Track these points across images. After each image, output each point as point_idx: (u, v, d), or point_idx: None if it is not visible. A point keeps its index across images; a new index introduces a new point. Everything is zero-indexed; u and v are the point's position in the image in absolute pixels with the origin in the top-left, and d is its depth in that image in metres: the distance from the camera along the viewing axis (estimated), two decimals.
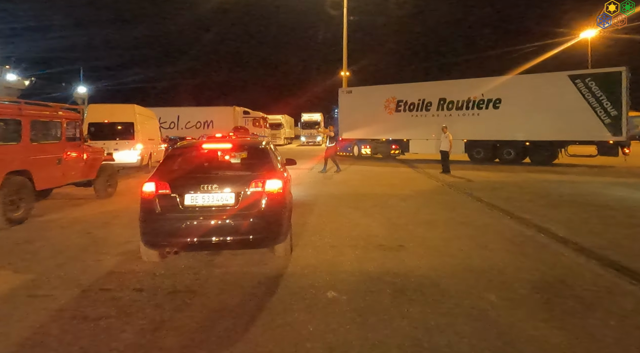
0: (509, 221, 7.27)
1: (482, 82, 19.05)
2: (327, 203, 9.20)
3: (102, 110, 16.35)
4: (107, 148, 14.17)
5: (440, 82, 20.78)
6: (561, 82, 16.98)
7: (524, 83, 18.19)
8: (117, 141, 15.01)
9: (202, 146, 5.80)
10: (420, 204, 8.92)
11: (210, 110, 30.38)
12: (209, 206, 4.68)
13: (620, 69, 15.98)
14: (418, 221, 7.30)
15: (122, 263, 5.12)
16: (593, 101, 16.16)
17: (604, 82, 16.09)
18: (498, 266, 4.87)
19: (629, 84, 15.84)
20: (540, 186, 11.69)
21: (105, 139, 14.78)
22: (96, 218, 7.86)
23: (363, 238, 6.19)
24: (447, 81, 20.68)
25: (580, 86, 16.44)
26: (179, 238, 4.59)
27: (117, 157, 14.35)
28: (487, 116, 18.61)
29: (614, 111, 15.83)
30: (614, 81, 15.87)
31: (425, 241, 5.96)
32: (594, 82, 16.22)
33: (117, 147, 14.79)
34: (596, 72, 16.62)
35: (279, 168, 5.53)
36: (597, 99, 16.10)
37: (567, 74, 16.95)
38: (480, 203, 9.03)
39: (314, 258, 5.22)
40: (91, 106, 16.90)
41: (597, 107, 16.11)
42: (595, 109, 16.17)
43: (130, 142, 15.08)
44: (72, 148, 8.95)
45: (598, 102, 16.07)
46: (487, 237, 6.17)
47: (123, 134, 15.13)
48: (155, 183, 4.73)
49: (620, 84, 15.73)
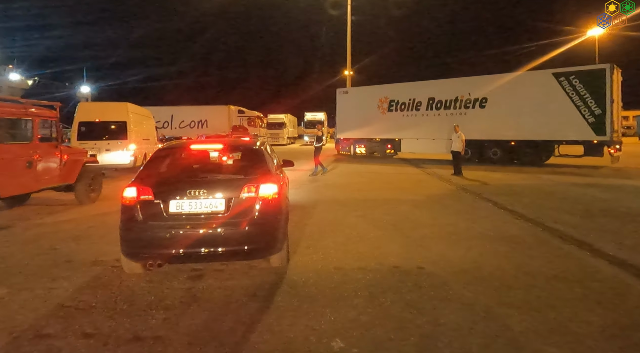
0: (542, 234, 6.26)
1: (469, 82, 18.95)
2: (330, 209, 8.23)
3: (93, 108, 15.51)
4: (98, 149, 13.67)
5: (429, 81, 20.59)
6: (545, 81, 16.48)
7: (508, 82, 17.74)
8: (109, 141, 14.13)
9: (190, 147, 5.42)
10: (436, 212, 7.93)
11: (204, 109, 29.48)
12: (197, 214, 4.24)
13: (604, 66, 15.29)
14: (436, 233, 6.32)
15: (79, 293, 4.17)
16: (577, 99, 15.64)
17: (587, 80, 15.51)
18: (557, 306, 3.85)
19: (612, 83, 15.06)
20: (563, 189, 10.66)
21: (97, 139, 14.06)
22: (69, 229, 6.92)
23: (374, 256, 5.22)
24: (436, 81, 20.46)
25: (565, 84, 15.93)
26: (162, 250, 4.14)
27: (109, 158, 13.90)
28: (474, 115, 18.35)
29: (598, 109, 15.22)
30: (598, 78, 15.24)
31: (449, 262, 4.97)
32: (577, 80, 15.66)
33: (109, 147, 14.06)
34: (580, 70, 15.97)
35: (275, 170, 5.09)
36: (581, 98, 15.58)
37: (551, 72, 16.46)
38: (503, 211, 8.02)
39: (314, 287, 4.24)
40: (81, 103, 16.02)
41: (581, 105, 15.57)
42: (579, 108, 15.63)
43: (123, 142, 14.17)
44: (46, 149, 8.03)
45: (582, 100, 15.55)
46: (524, 257, 5.17)
47: (115, 134, 14.23)
48: (136, 188, 4.28)
49: (604, 82, 15.06)
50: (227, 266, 4.93)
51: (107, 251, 5.56)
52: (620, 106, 16.11)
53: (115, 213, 8.27)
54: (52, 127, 8.30)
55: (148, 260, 4.16)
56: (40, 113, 7.89)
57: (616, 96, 15.44)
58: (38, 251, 5.66)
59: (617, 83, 15.58)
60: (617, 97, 15.67)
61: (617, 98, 15.58)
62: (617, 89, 15.56)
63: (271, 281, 4.42)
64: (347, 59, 33.06)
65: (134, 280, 4.47)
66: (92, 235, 6.49)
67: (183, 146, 5.60)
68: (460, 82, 19.39)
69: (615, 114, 15.28)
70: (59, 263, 5.15)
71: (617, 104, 15.70)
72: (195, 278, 4.53)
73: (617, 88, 15.68)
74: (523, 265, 4.84)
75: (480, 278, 4.42)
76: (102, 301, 3.92)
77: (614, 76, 15.23)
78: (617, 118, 15.73)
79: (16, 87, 47.25)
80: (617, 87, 15.69)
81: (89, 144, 13.53)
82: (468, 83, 18.93)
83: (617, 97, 15.67)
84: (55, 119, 8.47)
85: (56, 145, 8.37)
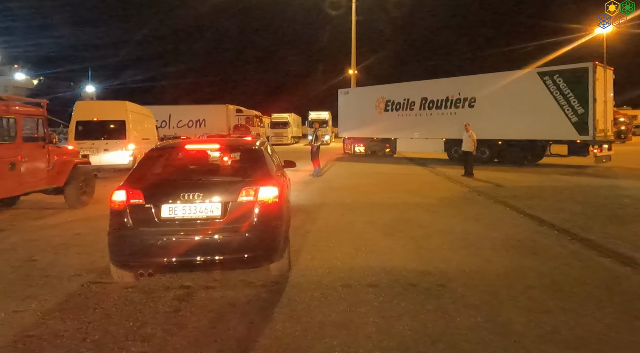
0: (571, 244, 5.65)
1: (459, 81, 19.01)
2: (335, 214, 7.64)
3: (90, 107, 14.98)
4: (96, 148, 13.19)
5: (423, 81, 20.72)
6: (530, 80, 16.24)
7: (496, 81, 17.58)
8: (107, 141, 13.57)
9: (184, 147, 5.14)
10: (450, 218, 7.32)
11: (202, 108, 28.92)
12: (191, 219, 3.96)
13: (587, 65, 14.88)
14: (454, 243, 5.72)
15: (48, 317, 3.60)
16: (561, 98, 15.36)
17: (570, 79, 15.22)
18: (605, 336, 3.27)
19: (595, 82, 14.65)
20: (582, 191, 10.00)
21: (95, 139, 13.46)
22: (53, 236, 6.39)
23: (386, 270, 4.63)
24: (429, 81, 20.52)
25: (549, 83, 15.64)
26: (154, 258, 3.89)
27: (108, 158, 13.44)
28: (463, 114, 18.05)
29: (580, 109, 14.88)
30: (581, 77, 14.91)
31: (471, 278, 4.37)
32: (561, 79, 15.38)
33: (107, 147, 13.54)
34: (563, 68, 15.66)
35: (275, 172, 4.83)
36: (564, 97, 15.30)
37: (536, 72, 16.27)
38: (523, 216, 7.41)
39: (319, 310, 3.65)
40: (78, 102, 15.53)
41: (565, 105, 15.28)
42: (563, 107, 15.34)
43: (122, 142, 13.62)
44: (32, 149, 7.49)
45: (565, 100, 15.27)
46: (557, 272, 4.57)
47: (114, 134, 13.69)
48: (125, 191, 4.01)
49: (587, 81, 14.72)
50: (220, 281, 4.38)
51: (89, 263, 5.02)
52: (609, 105, 15.70)
53: (106, 218, 7.77)
54: (38, 126, 7.76)
55: (138, 269, 3.91)
56: (24, 111, 7.35)
57: (602, 95, 15.06)
58: (14, 263, 5.12)
59: (603, 82, 15.20)
60: (605, 96, 15.31)
61: (605, 97, 15.23)
62: (603, 88, 15.18)
63: (270, 301, 3.85)
64: (352, 58, 32.53)
65: (112, 300, 3.91)
66: (77, 244, 5.94)
67: (177, 145, 5.24)
68: (450, 82, 19.40)
69: (599, 113, 14.89)
70: (34, 277, 4.60)
71: (606, 104, 15.32)
72: (182, 298, 3.96)
73: (605, 87, 15.30)
74: (558, 283, 4.23)
75: (512, 299, 3.82)
76: (72, 329, 3.35)
77: (598, 75, 14.85)
78: (605, 118, 15.35)
79: (22, 86, 47.30)
80: (605, 86, 15.30)
81: (87, 143, 13.13)
82: (457, 83, 18.95)
83: (606, 97, 15.31)
84: (43, 117, 7.93)
85: (43, 145, 7.83)
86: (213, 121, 27.04)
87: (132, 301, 3.89)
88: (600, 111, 14.89)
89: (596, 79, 14.62)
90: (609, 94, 15.51)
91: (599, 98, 14.81)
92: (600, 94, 14.83)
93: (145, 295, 4.02)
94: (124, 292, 4.11)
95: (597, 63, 14.83)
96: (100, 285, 4.31)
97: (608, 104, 15.47)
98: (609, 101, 15.51)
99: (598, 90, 14.68)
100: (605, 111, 15.23)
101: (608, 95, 15.44)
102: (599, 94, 14.75)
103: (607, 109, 15.41)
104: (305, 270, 4.71)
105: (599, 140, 14.87)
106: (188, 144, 5.17)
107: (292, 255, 5.02)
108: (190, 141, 5.73)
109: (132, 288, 4.21)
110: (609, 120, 15.79)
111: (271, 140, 37.54)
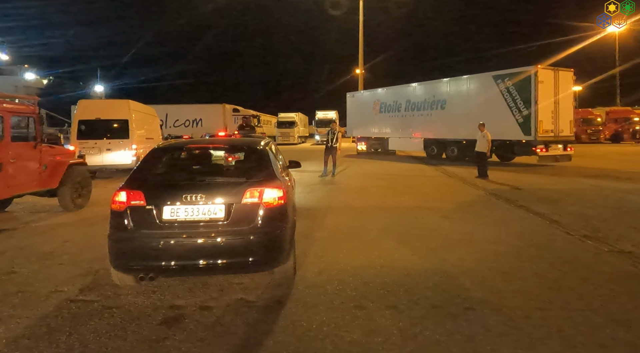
0: (610, 257, 5.05)
1: (434, 84, 20.22)
2: (344, 220, 7.10)
3: (93, 106, 14.68)
4: (99, 148, 13.01)
5: (408, 85, 22.09)
6: (487, 83, 17.21)
7: (461, 84, 18.71)
8: (110, 140, 13.33)
9: (187, 147, 5.13)
10: (470, 225, 6.74)
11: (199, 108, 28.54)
12: (194, 222, 3.84)
13: (531, 69, 15.61)
14: (476, 254, 5.15)
15: (13, 346, 3.10)
16: (510, 100, 16.24)
17: (517, 82, 16.04)
18: None
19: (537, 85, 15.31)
20: (609, 196, 9.35)
21: (97, 138, 13.23)
22: (39, 244, 5.91)
23: (404, 288, 4.08)
24: (412, 84, 21.81)
25: (501, 86, 16.54)
26: (155, 261, 3.76)
27: (110, 158, 13.25)
28: (437, 116, 19.73)
29: (525, 110, 15.69)
30: (526, 80, 15.68)
31: (503, 299, 3.80)
32: (510, 82, 16.23)
33: (110, 147, 13.35)
34: (511, 72, 16.38)
35: (280, 173, 4.67)
36: (513, 99, 16.16)
37: (491, 75, 17.10)
38: (549, 223, 6.81)
39: (329, 341, 3.11)
40: (81, 101, 15.24)
41: (513, 106, 16.14)
42: (512, 108, 16.19)
43: (125, 141, 13.38)
44: (21, 149, 7.03)
45: (514, 102, 16.12)
46: (603, 292, 3.99)
47: (117, 133, 13.45)
48: (126, 192, 3.88)
49: (531, 84, 15.45)
50: (217, 300, 3.87)
51: (73, 276, 4.54)
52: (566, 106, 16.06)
53: (101, 223, 7.30)
54: (29, 125, 7.30)
55: (139, 272, 3.81)
56: (12, 109, 6.88)
57: (548, 97, 15.58)
58: None
59: (552, 85, 15.72)
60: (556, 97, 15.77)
61: (555, 98, 15.73)
62: (552, 90, 15.71)
63: (271, 327, 3.32)
64: (360, 58, 32.03)
65: (91, 324, 3.40)
66: (65, 253, 5.46)
67: (180, 145, 5.20)
68: (428, 85, 20.71)
69: (543, 114, 15.46)
70: (9, 294, 4.11)
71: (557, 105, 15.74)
72: (172, 322, 3.45)
73: (557, 89, 15.78)
74: (614, 313, 3.65)
75: (559, 330, 3.26)
76: None
77: (542, 78, 15.46)
78: (554, 118, 15.76)
79: (32, 86, 47.58)
80: (557, 88, 15.78)
81: (89, 143, 12.98)
82: (433, 86, 20.25)
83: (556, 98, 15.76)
84: (34, 116, 7.46)
85: (34, 145, 7.37)
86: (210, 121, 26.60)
87: (113, 326, 3.38)
88: (547, 112, 15.53)
89: (539, 82, 15.30)
90: (562, 95, 15.88)
91: (545, 100, 15.46)
92: (545, 96, 15.46)
93: (129, 318, 3.51)
94: (106, 313, 3.61)
95: (540, 67, 15.48)
96: (81, 304, 3.81)
97: (561, 105, 15.85)
98: (563, 101, 15.91)
99: (541, 93, 15.34)
100: (555, 112, 15.73)
101: (561, 96, 15.84)
102: (543, 97, 15.41)
103: (560, 110, 15.82)
104: (313, 286, 4.18)
105: (542, 140, 15.47)
106: (190, 144, 5.08)
107: (297, 266, 4.58)
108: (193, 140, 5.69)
109: (115, 308, 3.71)
110: (566, 120, 16.10)
111: (278, 140, 37.07)
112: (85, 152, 12.39)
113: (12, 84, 44.04)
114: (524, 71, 15.80)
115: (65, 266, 4.90)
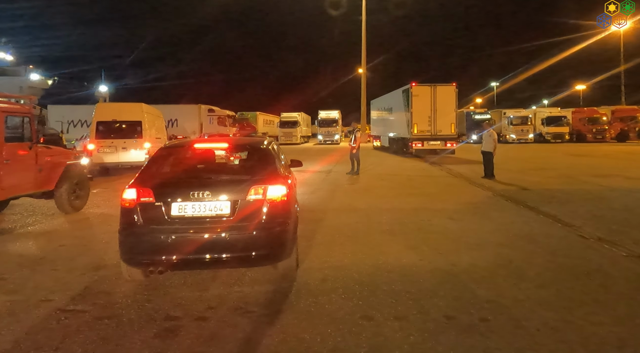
0: (629, 263, 4.81)
1: (390, 94, 25.19)
2: (348, 222, 6.86)
3: (110, 108, 16.41)
4: (115, 147, 14.41)
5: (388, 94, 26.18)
6: (399, 95, 21.90)
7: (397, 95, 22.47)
8: (125, 139, 14.58)
9: (193, 146, 5.24)
10: (480, 228, 6.50)
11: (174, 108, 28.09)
12: (200, 217, 3.99)
13: (408, 86, 20.05)
14: (488, 260, 4.91)
15: None
16: (404, 108, 20.60)
17: (404, 95, 20.74)
18: None
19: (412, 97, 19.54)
20: (619, 197, 9.08)
21: (114, 138, 14.53)
22: (34, 248, 5.72)
23: (414, 297, 3.85)
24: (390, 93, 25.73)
25: (404, 96, 20.86)
26: (163, 255, 3.88)
27: (125, 156, 14.53)
28: (391, 118, 24.91)
29: (409, 115, 19.90)
30: (406, 93, 20.38)
31: (520, 308, 3.56)
32: (405, 95, 20.62)
33: (125, 146, 14.45)
34: (404, 88, 20.85)
35: (283, 171, 4.82)
36: (405, 107, 20.50)
37: (401, 90, 21.53)
38: (561, 226, 6.56)
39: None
40: (99, 104, 16.81)
41: (406, 112, 20.28)
42: (405, 113, 20.52)
43: (139, 141, 14.65)
44: (15, 150, 6.82)
45: (406, 109, 20.34)
46: (628, 302, 3.75)
47: (131, 133, 14.75)
48: (136, 190, 4.03)
49: (409, 96, 19.80)
50: (215, 310, 3.65)
51: (65, 283, 4.34)
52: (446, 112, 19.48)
53: (99, 226, 7.10)
54: (24, 126, 7.10)
55: (148, 266, 3.87)
56: (6, 109, 6.67)
57: (424, 106, 19.46)
58: None
59: (429, 97, 19.50)
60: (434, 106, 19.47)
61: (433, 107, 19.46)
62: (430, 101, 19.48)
63: (271, 340, 3.09)
64: (362, 58, 31.84)
65: (81, 337, 3.19)
66: (58, 258, 5.24)
67: (186, 145, 5.43)
68: (390, 94, 25.36)
69: (418, 118, 19.47)
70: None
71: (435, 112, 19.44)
72: (167, 335, 3.23)
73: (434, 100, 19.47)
74: (634, 319, 3.41)
75: (579, 345, 3.02)
76: None
77: (417, 92, 19.57)
78: (431, 121, 19.45)
79: (37, 86, 47.75)
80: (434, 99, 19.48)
81: (107, 142, 14.35)
82: (390, 95, 25.04)
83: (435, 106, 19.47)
84: (30, 116, 7.26)
85: (29, 146, 7.17)
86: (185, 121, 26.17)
87: (104, 339, 3.16)
88: (423, 117, 19.49)
89: (414, 95, 19.55)
90: (441, 103, 19.52)
91: (420, 108, 19.55)
92: (420, 105, 19.54)
93: (122, 330, 3.29)
94: (97, 325, 3.39)
95: (414, 84, 19.73)
96: (71, 315, 3.60)
97: (440, 112, 19.52)
98: (442, 109, 19.52)
99: (416, 103, 19.57)
100: (432, 116, 19.53)
101: (440, 105, 19.53)
102: (418, 105, 19.60)
103: (437, 115, 19.53)
104: (317, 293, 3.96)
105: (416, 137, 19.74)
106: (196, 143, 5.22)
107: (300, 273, 4.41)
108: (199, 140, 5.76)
109: (107, 319, 3.49)
110: (446, 122, 19.55)
111: (280, 140, 36.81)
112: (102, 150, 13.99)
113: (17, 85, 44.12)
114: (406, 87, 20.37)
115: (58, 272, 4.69)
